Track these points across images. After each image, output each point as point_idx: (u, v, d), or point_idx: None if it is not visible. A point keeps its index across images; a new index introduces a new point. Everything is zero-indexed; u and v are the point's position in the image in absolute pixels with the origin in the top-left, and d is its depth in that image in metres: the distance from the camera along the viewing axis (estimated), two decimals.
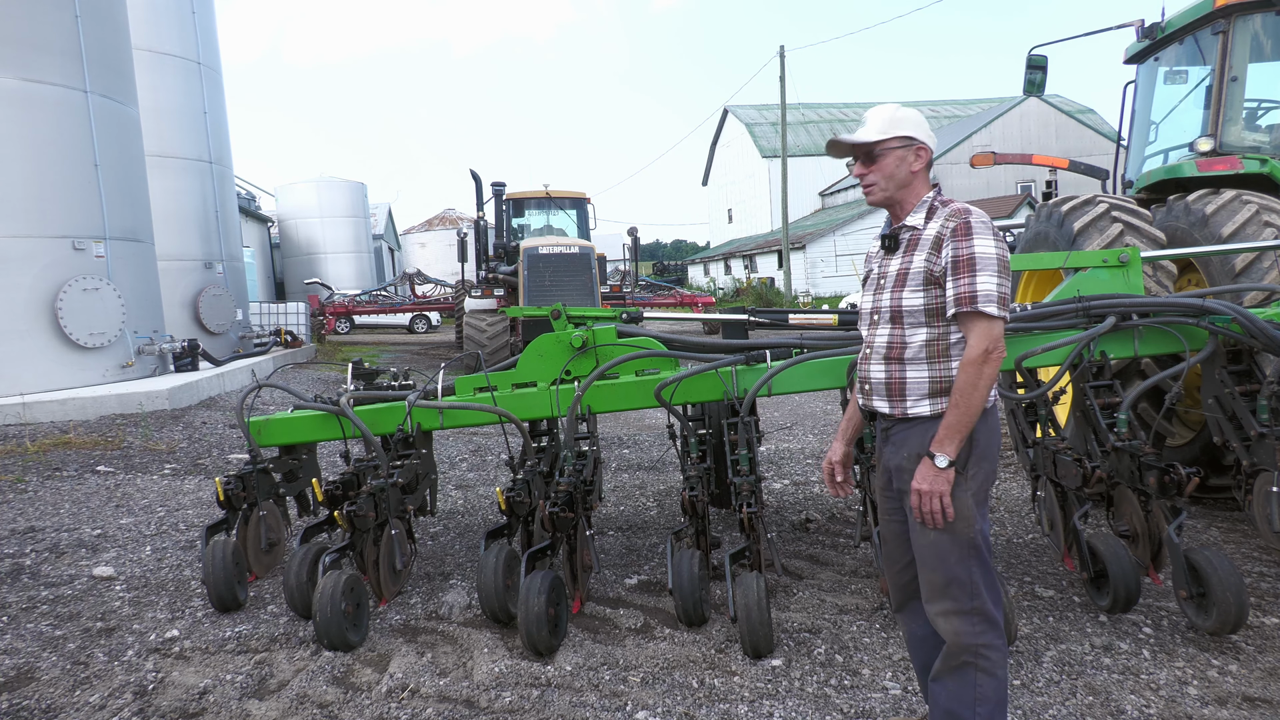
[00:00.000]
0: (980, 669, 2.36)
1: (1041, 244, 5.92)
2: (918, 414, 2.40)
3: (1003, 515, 5.27)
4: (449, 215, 41.37)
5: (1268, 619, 3.62)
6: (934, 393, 2.38)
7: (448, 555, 4.90)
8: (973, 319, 2.30)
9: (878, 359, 2.47)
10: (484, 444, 8.22)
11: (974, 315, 2.30)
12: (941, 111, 51.68)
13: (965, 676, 2.38)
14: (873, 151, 2.44)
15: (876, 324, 2.48)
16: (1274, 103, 6.00)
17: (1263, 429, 3.73)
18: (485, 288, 14.48)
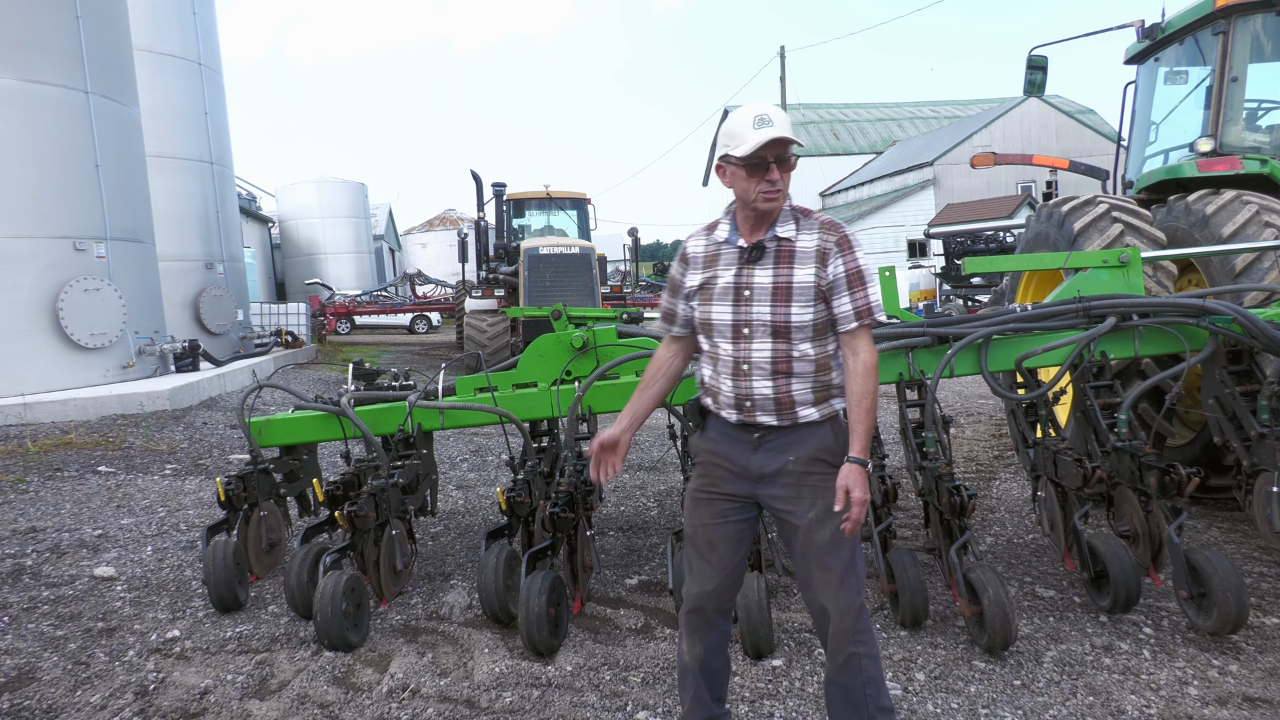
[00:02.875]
0: (863, 655, 2.45)
1: (1042, 244, 5.92)
2: (807, 420, 2.44)
3: (1003, 515, 5.27)
4: (449, 216, 41.36)
5: (1268, 619, 3.62)
6: (819, 400, 2.45)
7: (448, 555, 4.90)
8: (866, 330, 2.42)
9: (760, 375, 2.42)
10: (485, 444, 8.23)
11: (869, 326, 2.42)
12: (942, 112, 51.71)
13: (852, 665, 2.46)
14: (787, 155, 2.38)
15: (749, 338, 2.42)
16: (1274, 103, 6.00)
17: (1263, 429, 3.73)
18: (486, 288, 14.48)
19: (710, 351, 2.51)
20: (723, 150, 2.41)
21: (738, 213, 2.49)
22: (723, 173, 2.43)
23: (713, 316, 2.46)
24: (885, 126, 50.76)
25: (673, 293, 2.59)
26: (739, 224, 2.48)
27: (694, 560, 2.58)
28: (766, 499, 2.51)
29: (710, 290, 2.47)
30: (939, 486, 3.66)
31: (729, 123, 2.39)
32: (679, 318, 2.59)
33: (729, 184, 2.44)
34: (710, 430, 2.55)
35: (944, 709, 3.03)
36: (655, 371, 2.64)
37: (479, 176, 14.93)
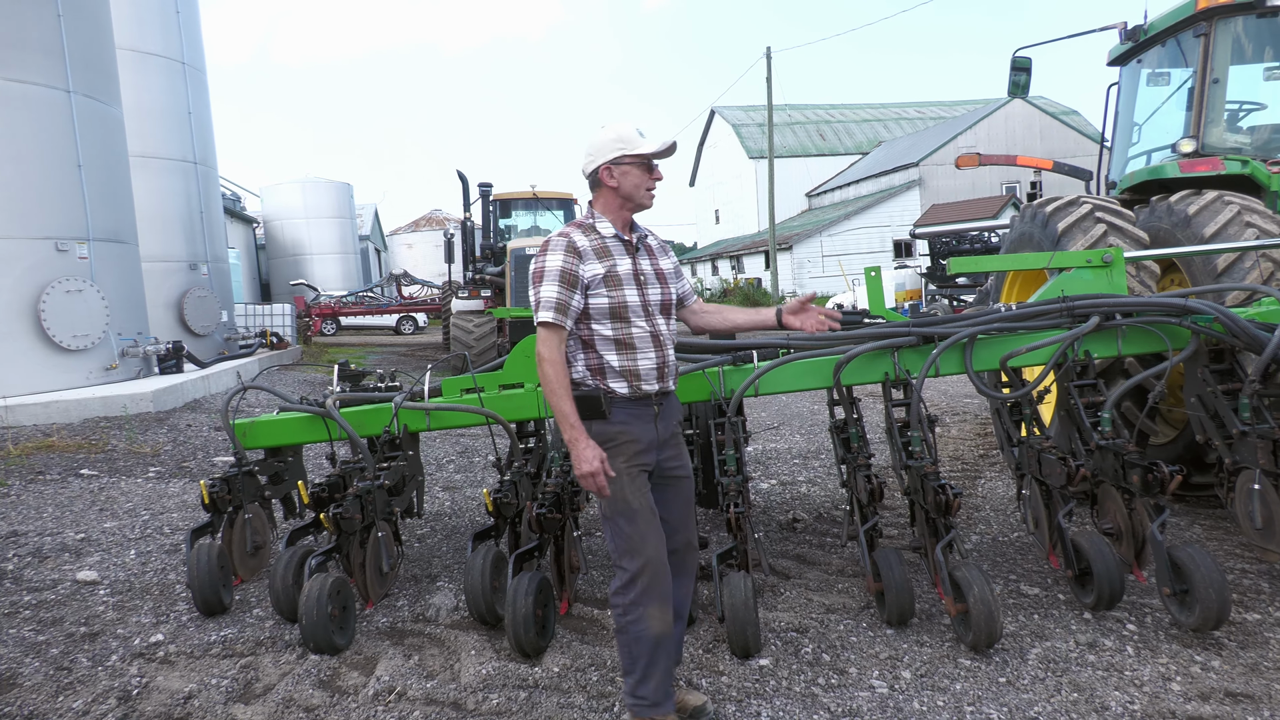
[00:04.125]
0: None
1: (1026, 244, 5.95)
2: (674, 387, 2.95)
3: (989, 514, 5.30)
4: (436, 216, 41.23)
5: (1249, 615, 3.65)
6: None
7: (435, 557, 4.89)
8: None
9: (669, 345, 2.91)
10: (471, 445, 8.20)
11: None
12: (927, 113, 51.95)
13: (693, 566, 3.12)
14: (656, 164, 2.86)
15: (653, 315, 2.87)
16: (1255, 105, 6.05)
17: (1244, 427, 3.77)
18: (472, 289, 14.44)
19: (619, 335, 2.80)
20: (617, 153, 2.79)
21: (611, 213, 2.87)
22: (610, 173, 2.81)
23: (626, 299, 2.81)
24: (871, 127, 50.96)
25: (570, 285, 2.73)
26: (614, 223, 2.86)
27: (645, 529, 2.78)
28: (663, 463, 2.91)
29: (616, 277, 2.80)
30: (924, 485, 3.68)
31: (615, 132, 2.81)
32: (573, 310, 2.74)
33: (617, 183, 2.82)
34: (616, 415, 2.79)
35: (930, 707, 3.04)
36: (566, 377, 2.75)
37: (465, 177, 14.89)
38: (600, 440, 2.75)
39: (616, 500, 2.75)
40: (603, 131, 2.84)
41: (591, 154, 2.85)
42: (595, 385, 2.78)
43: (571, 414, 2.68)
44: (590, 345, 2.79)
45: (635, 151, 2.79)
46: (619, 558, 2.79)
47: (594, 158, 2.84)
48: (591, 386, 2.79)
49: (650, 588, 2.74)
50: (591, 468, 2.65)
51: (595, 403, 2.76)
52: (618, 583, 2.79)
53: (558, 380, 2.69)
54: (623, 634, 2.78)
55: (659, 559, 2.77)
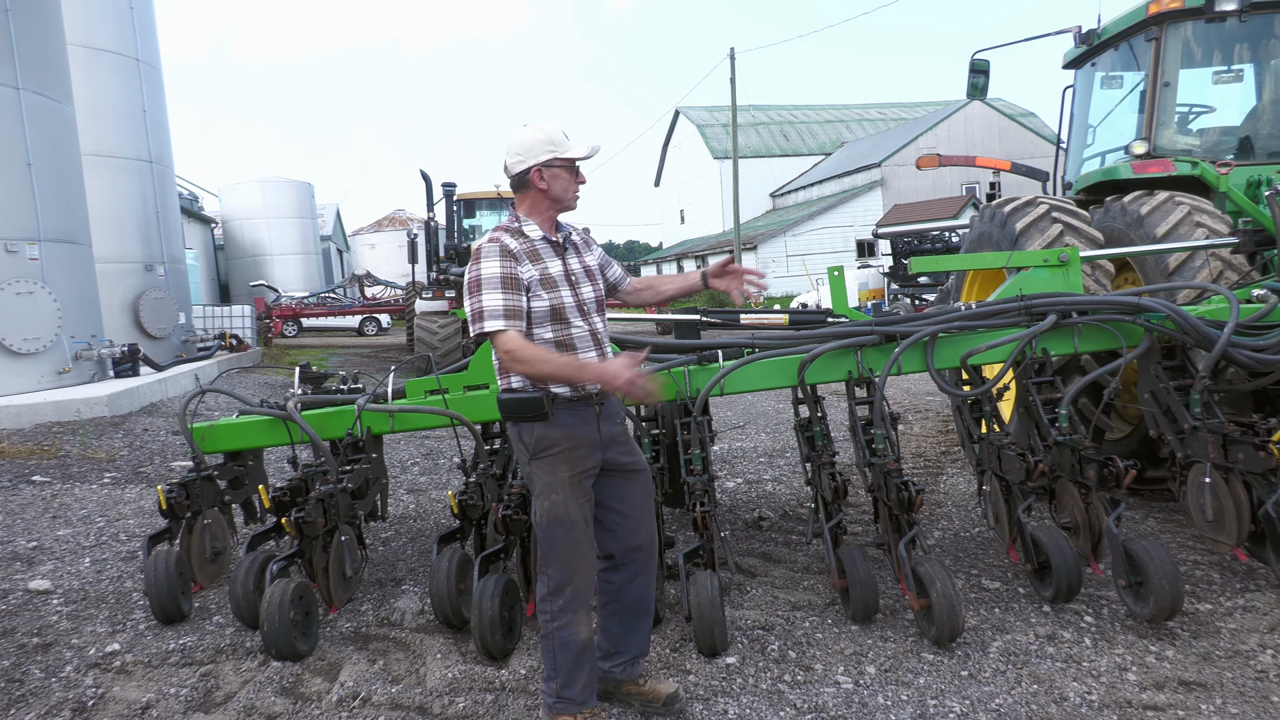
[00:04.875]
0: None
1: (985, 244, 6.05)
2: None
3: (950, 510, 5.38)
4: (399, 216, 40.84)
5: (1201, 605, 3.75)
6: None
7: (399, 560, 4.84)
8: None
9: (607, 344, 2.93)
10: (436, 447, 8.14)
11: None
12: (889, 114, 52.55)
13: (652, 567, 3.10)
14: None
15: (589, 314, 2.89)
16: (1204, 108, 6.21)
17: (1195, 422, 3.86)
18: (437, 289, 14.33)
19: (559, 336, 2.80)
20: (549, 155, 2.79)
21: (539, 215, 2.86)
22: (541, 176, 2.80)
23: (564, 300, 2.81)
24: (834, 128, 51.43)
25: (514, 289, 2.72)
26: (541, 224, 2.86)
27: (580, 541, 2.80)
28: (610, 461, 2.89)
29: (550, 279, 2.79)
30: (887, 482, 3.72)
31: (544, 134, 2.80)
32: (523, 312, 2.73)
33: (547, 185, 2.82)
34: (559, 417, 2.76)
35: (894, 701, 3.08)
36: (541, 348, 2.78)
37: (428, 176, 14.76)
38: (543, 445, 2.75)
39: (556, 508, 2.76)
40: (529, 131, 2.81)
41: (520, 154, 2.80)
42: (539, 391, 2.76)
43: (570, 362, 2.73)
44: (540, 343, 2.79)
45: (566, 155, 2.81)
46: (548, 565, 2.81)
47: (524, 159, 2.80)
48: (533, 390, 2.76)
49: (577, 597, 2.80)
50: (627, 373, 2.60)
51: (538, 404, 2.74)
52: (544, 589, 2.82)
53: (537, 356, 2.68)
54: (549, 639, 2.82)
55: (588, 570, 2.84)
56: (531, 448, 2.77)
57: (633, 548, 2.98)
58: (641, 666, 3.13)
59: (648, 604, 3.07)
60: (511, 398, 2.77)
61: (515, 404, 2.75)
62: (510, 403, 2.77)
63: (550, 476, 2.76)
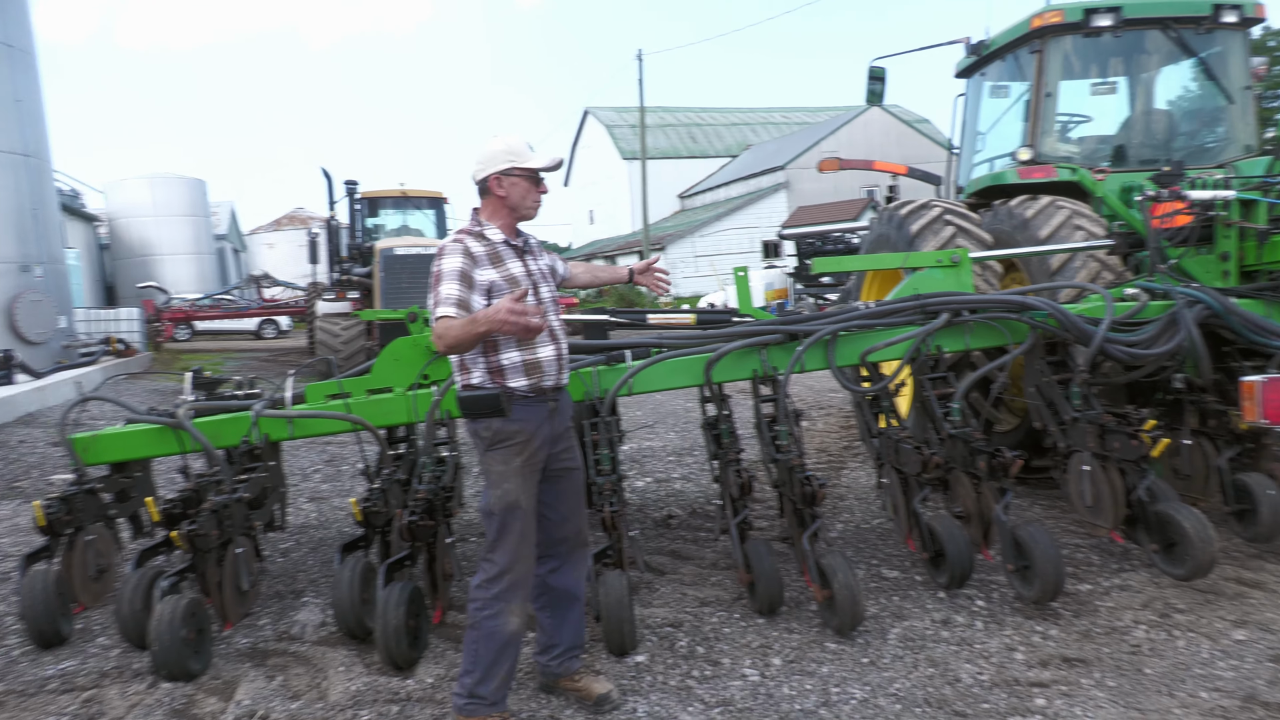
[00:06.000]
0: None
1: (883, 245, 6.26)
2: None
3: (852, 503, 5.54)
4: (299, 215, 39.53)
5: (1082, 586, 3.97)
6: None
7: (300, 572, 4.69)
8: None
9: (564, 341, 3.06)
10: (339, 453, 7.91)
11: None
12: (793, 118, 53.73)
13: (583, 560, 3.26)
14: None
15: (556, 311, 3.05)
16: (1083, 117, 6.58)
17: (1075, 414, 4.08)
18: (339, 290, 13.91)
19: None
20: (507, 164, 2.91)
21: (499, 220, 2.98)
22: (500, 183, 2.92)
23: (532, 297, 2.90)
24: (740, 130, 52.27)
25: (467, 285, 2.83)
26: (501, 229, 2.98)
27: (525, 529, 2.89)
28: (554, 457, 3.00)
29: (513, 279, 2.91)
30: (791, 477, 3.81)
31: (505, 144, 2.93)
32: (472, 306, 2.81)
33: (506, 192, 2.93)
34: (516, 412, 2.86)
35: (799, 691, 3.16)
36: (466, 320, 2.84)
37: (329, 174, 14.33)
38: (500, 438, 2.86)
39: (508, 496, 2.85)
40: (494, 141, 2.97)
41: (482, 163, 2.96)
42: (496, 386, 2.86)
43: (467, 322, 2.67)
44: (492, 346, 2.87)
45: (524, 165, 2.94)
46: (493, 551, 2.88)
47: (484, 166, 2.95)
48: (491, 387, 2.86)
49: (516, 585, 2.88)
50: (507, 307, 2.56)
51: (495, 400, 2.82)
52: (483, 576, 2.89)
53: (448, 330, 2.69)
54: (475, 629, 2.86)
55: (529, 560, 2.94)
56: (489, 440, 2.87)
57: (558, 540, 3.10)
58: (580, 662, 3.20)
59: (575, 593, 3.16)
60: (471, 395, 2.85)
61: (474, 401, 2.83)
62: (469, 400, 2.85)
63: (504, 466, 2.86)
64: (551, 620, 3.16)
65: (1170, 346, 3.99)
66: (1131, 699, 3.01)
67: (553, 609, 3.15)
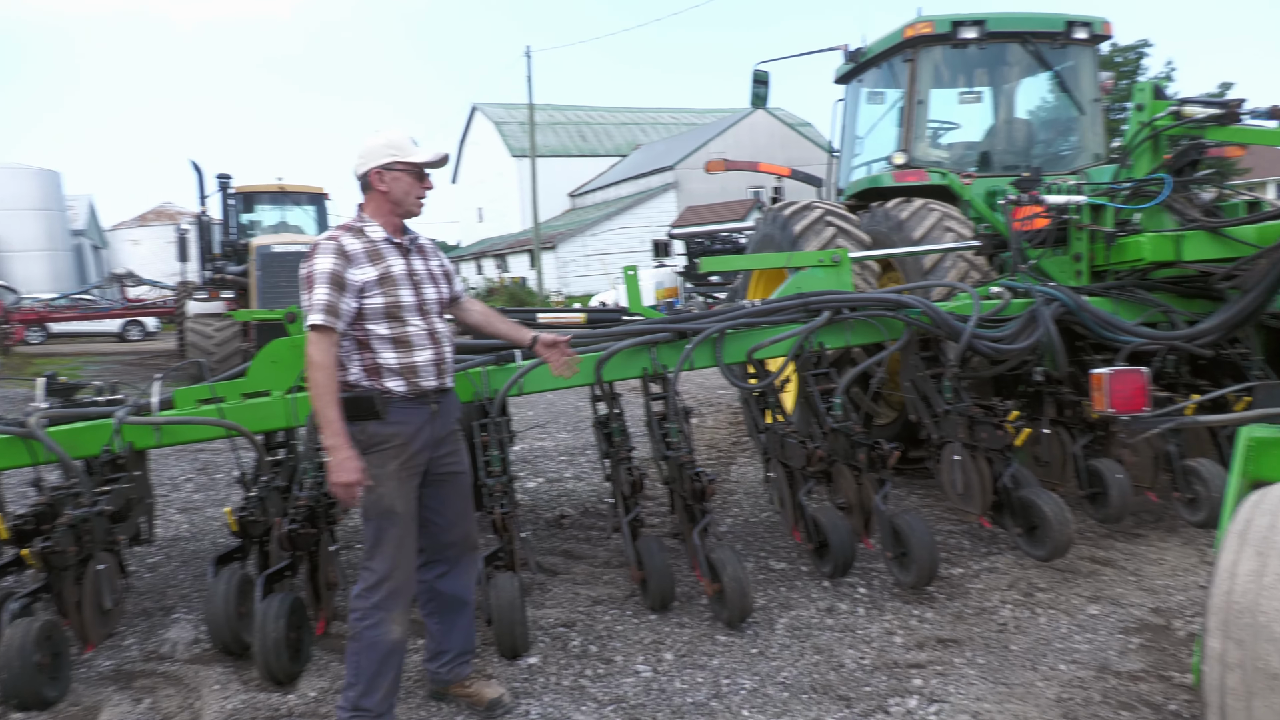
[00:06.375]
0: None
1: (768, 245, 6.42)
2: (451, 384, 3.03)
3: (741, 497, 5.66)
4: (167, 210, 37.43)
5: (954, 570, 4.18)
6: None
7: (170, 587, 4.44)
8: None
9: (446, 342, 2.98)
10: (213, 461, 7.52)
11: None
12: (681, 119, 54.44)
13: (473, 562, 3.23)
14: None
15: (429, 314, 2.93)
16: (952, 124, 6.93)
17: (947, 406, 4.30)
18: (212, 289, 13.23)
19: (395, 333, 2.81)
20: (389, 158, 2.82)
21: (381, 217, 2.88)
22: (381, 178, 2.83)
23: (401, 299, 2.83)
24: (629, 130, 52.57)
25: (339, 287, 2.73)
26: (384, 226, 2.88)
27: (404, 535, 2.83)
28: (437, 460, 2.94)
29: (390, 278, 2.82)
30: (682, 474, 3.86)
31: (387, 137, 2.85)
32: (344, 312, 2.73)
33: (388, 188, 2.84)
34: (393, 414, 2.80)
35: (690, 684, 3.20)
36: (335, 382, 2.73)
37: (199, 167, 13.59)
38: (375, 441, 2.77)
39: (383, 501, 2.77)
40: (376, 136, 2.89)
41: (363, 157, 2.86)
42: (371, 386, 2.79)
43: (336, 421, 2.65)
44: (366, 345, 2.81)
45: (407, 159, 2.85)
46: (371, 558, 2.81)
47: (365, 161, 2.86)
48: (367, 387, 2.78)
49: (396, 593, 2.80)
50: (349, 478, 2.64)
51: (370, 403, 2.76)
52: (363, 585, 2.80)
53: (325, 385, 2.67)
54: (356, 640, 2.77)
55: (409, 567, 2.87)
56: (364, 443, 2.77)
57: (446, 545, 3.05)
58: (470, 667, 3.15)
59: (465, 599, 3.12)
60: (345, 396, 2.75)
61: (348, 403, 2.75)
62: (344, 402, 2.74)
63: (379, 470, 2.77)
64: (440, 626, 3.10)
65: (1030, 342, 4.25)
66: (999, 675, 3.19)
67: (441, 615, 3.09)
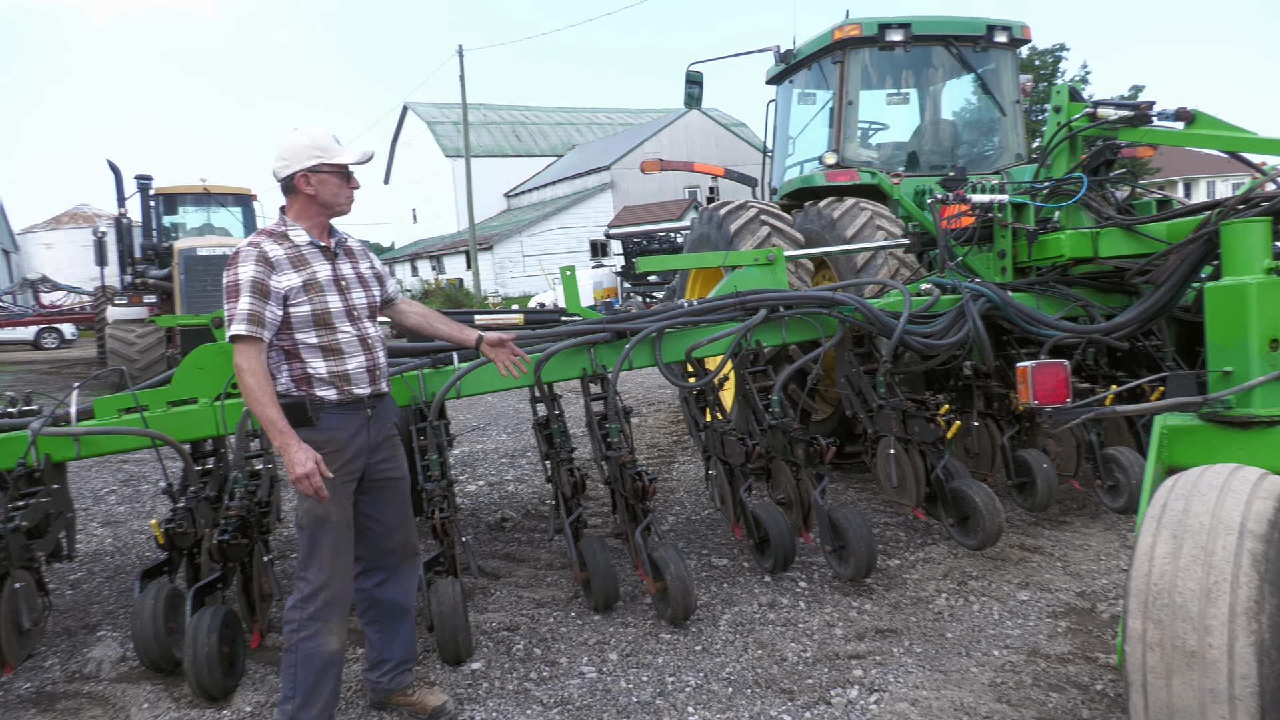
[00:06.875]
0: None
1: (704, 245, 6.47)
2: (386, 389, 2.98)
3: (682, 495, 5.70)
4: (82, 212, 35.90)
5: (891, 561, 4.28)
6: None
7: (94, 604, 4.27)
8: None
9: (379, 347, 2.92)
10: (138, 472, 7.25)
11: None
12: (616, 119, 54.50)
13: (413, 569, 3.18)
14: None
15: (359, 319, 2.86)
16: (881, 125, 7.08)
17: (881, 401, 4.40)
18: (133, 294, 12.74)
19: (324, 341, 2.75)
20: (315, 160, 2.73)
21: (307, 220, 2.80)
22: (307, 181, 2.74)
23: (329, 306, 2.76)
24: (565, 130, 52.41)
25: (263, 296, 2.65)
26: (309, 229, 2.80)
27: (339, 543, 2.76)
28: (374, 466, 2.90)
29: (316, 284, 2.74)
30: (623, 474, 3.86)
31: (311, 138, 2.75)
32: (268, 321, 2.65)
33: (315, 191, 2.76)
34: (325, 420, 2.74)
35: (635, 683, 3.21)
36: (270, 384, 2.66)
37: (117, 168, 13.09)
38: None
39: (316, 509, 2.70)
40: (297, 135, 2.78)
41: (286, 159, 2.75)
42: (302, 394, 2.73)
43: (279, 419, 2.60)
44: (295, 355, 2.73)
45: (333, 161, 2.76)
46: (306, 568, 2.74)
47: (289, 163, 2.75)
48: (298, 395, 2.72)
49: (333, 603, 2.75)
50: (306, 469, 2.58)
51: (301, 409, 2.70)
52: (298, 595, 2.74)
53: (260, 388, 2.60)
54: (292, 653, 2.72)
55: (346, 576, 2.80)
56: None
57: (386, 552, 3.00)
58: (411, 675, 3.10)
59: (405, 606, 3.07)
60: (280, 402, 2.67)
61: (283, 409, 2.65)
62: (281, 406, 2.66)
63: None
64: (380, 635, 3.04)
65: (959, 337, 4.37)
66: (936, 662, 3.27)
67: (381, 623, 3.04)
